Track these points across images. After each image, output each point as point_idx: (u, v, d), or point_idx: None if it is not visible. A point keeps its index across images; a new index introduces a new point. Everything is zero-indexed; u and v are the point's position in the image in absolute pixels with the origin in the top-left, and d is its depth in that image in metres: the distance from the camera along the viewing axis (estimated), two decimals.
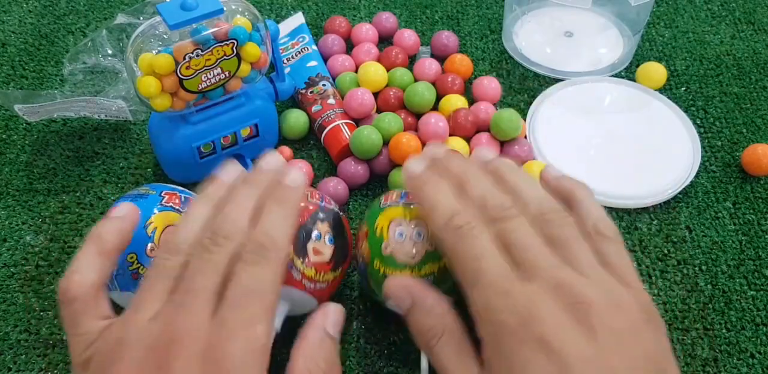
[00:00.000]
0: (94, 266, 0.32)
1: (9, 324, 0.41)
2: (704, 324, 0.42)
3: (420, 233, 0.36)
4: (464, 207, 0.32)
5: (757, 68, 0.57)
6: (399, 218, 0.37)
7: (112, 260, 0.32)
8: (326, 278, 0.36)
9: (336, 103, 0.51)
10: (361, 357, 0.40)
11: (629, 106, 0.53)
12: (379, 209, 0.38)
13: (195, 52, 0.39)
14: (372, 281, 0.37)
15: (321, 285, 0.36)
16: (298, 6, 0.62)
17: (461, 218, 0.31)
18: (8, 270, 0.44)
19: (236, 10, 0.41)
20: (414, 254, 0.35)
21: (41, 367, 0.40)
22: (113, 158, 0.50)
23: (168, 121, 0.45)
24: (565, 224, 0.31)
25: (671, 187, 0.48)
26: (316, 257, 0.36)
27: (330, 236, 0.37)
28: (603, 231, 0.32)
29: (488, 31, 0.60)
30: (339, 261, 0.37)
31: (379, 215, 0.37)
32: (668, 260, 0.45)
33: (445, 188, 0.33)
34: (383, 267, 0.36)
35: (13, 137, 0.51)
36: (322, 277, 0.36)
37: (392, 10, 0.61)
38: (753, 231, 0.46)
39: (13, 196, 0.48)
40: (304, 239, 0.36)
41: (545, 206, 0.32)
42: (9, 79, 0.55)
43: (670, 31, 0.60)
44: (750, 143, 0.51)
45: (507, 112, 0.49)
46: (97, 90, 0.51)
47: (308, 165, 0.48)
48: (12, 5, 0.61)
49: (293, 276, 0.35)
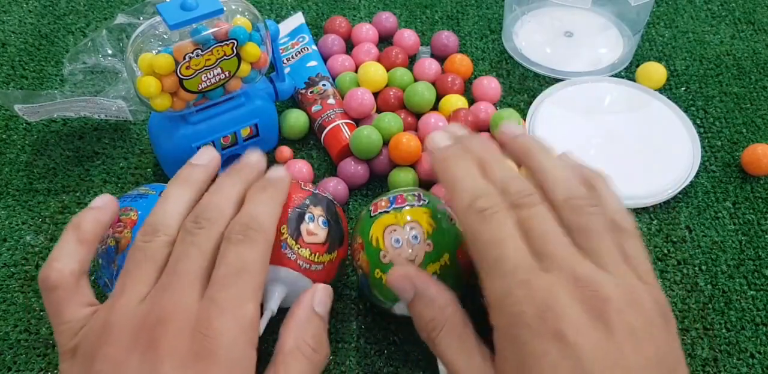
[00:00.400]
0: (74, 254, 0.32)
1: (9, 324, 0.41)
2: (704, 324, 0.42)
3: (416, 236, 0.36)
4: (487, 189, 0.31)
5: (757, 68, 0.57)
6: (392, 225, 0.36)
7: (90, 249, 0.32)
8: (321, 260, 0.36)
9: (336, 103, 0.51)
10: (361, 357, 0.40)
11: (629, 106, 0.53)
12: (370, 219, 0.38)
13: (195, 52, 0.39)
14: (376, 290, 0.37)
15: (317, 267, 0.36)
16: (298, 6, 0.62)
17: (485, 202, 0.30)
18: (8, 270, 0.44)
19: (236, 10, 0.41)
20: (414, 258, 0.35)
21: (41, 367, 0.40)
22: (113, 158, 0.50)
23: (168, 121, 0.45)
24: (593, 213, 0.30)
25: (671, 187, 0.48)
26: (310, 237, 0.36)
27: (324, 219, 0.37)
28: (622, 224, 0.31)
29: (488, 31, 0.60)
30: (334, 244, 0.37)
31: (371, 225, 0.37)
32: (668, 260, 0.45)
33: (469, 166, 0.33)
34: (385, 276, 0.35)
35: (13, 137, 0.51)
36: (318, 258, 0.36)
37: (392, 10, 0.61)
38: (753, 231, 0.46)
39: (13, 196, 0.48)
40: (298, 220, 0.36)
41: (573, 192, 0.31)
42: (9, 79, 0.55)
43: (670, 31, 0.60)
44: (750, 142, 0.51)
45: (507, 112, 0.49)
46: (97, 90, 0.51)
47: (308, 165, 0.48)
48: (12, 5, 0.61)
49: (287, 256, 0.35)
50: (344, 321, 0.41)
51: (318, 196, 0.38)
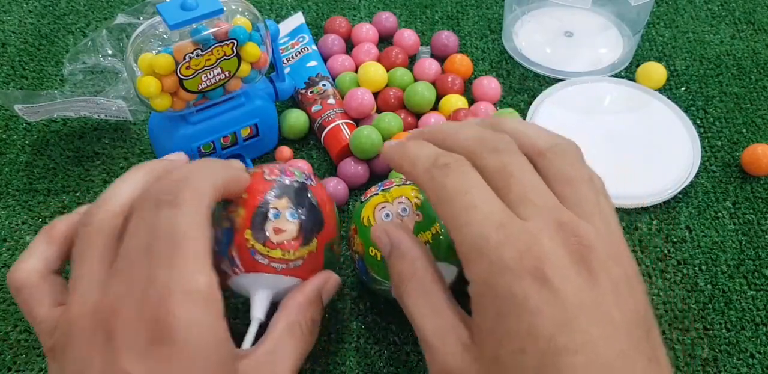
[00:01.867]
0: (40, 254, 0.31)
1: (9, 324, 0.41)
2: (704, 324, 0.42)
3: (405, 209, 0.36)
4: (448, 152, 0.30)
5: (757, 68, 0.57)
6: (381, 203, 0.37)
7: (59, 247, 0.31)
8: (299, 255, 0.34)
9: (336, 103, 0.50)
10: (361, 357, 0.40)
11: (629, 106, 0.53)
12: (361, 205, 0.38)
13: (195, 52, 0.39)
14: (373, 271, 0.37)
15: (296, 263, 0.34)
16: (298, 6, 0.62)
17: (447, 158, 0.29)
18: (8, 270, 0.44)
19: (236, 10, 0.41)
20: None
21: (41, 367, 0.40)
22: (113, 158, 0.50)
23: (168, 121, 0.45)
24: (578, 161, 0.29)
25: (671, 187, 0.48)
26: (278, 236, 0.34)
27: (291, 212, 0.34)
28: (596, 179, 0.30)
29: (488, 31, 0.60)
30: (311, 233, 0.35)
31: (362, 209, 0.38)
32: (668, 260, 0.45)
33: (427, 143, 0.31)
34: (378, 251, 0.35)
35: (13, 137, 0.51)
36: (293, 255, 0.34)
37: (392, 10, 0.61)
38: (753, 231, 0.46)
39: (13, 196, 0.48)
40: (261, 222, 0.34)
41: (558, 141, 0.30)
42: (9, 79, 0.55)
43: (670, 31, 0.60)
44: (750, 142, 0.51)
45: (507, 112, 0.49)
46: (97, 90, 0.51)
47: (308, 165, 0.48)
48: (12, 5, 0.61)
49: (259, 262, 0.33)
50: (344, 321, 0.41)
51: (282, 184, 0.35)
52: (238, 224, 0.33)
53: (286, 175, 0.36)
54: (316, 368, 0.39)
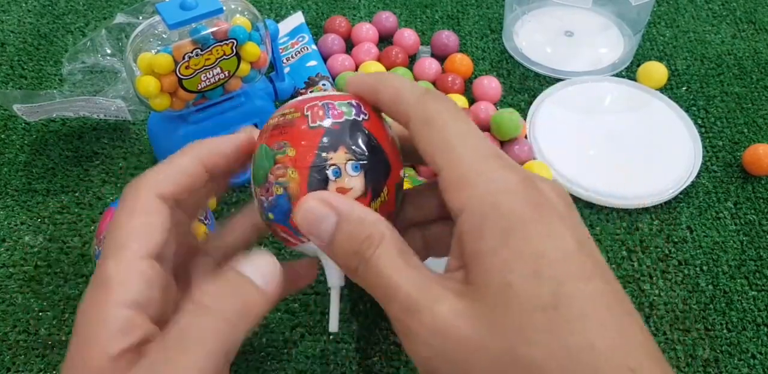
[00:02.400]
0: None
1: (8, 325, 0.41)
2: (705, 325, 0.42)
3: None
4: None
5: (758, 68, 0.57)
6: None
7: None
8: None
9: None
10: (361, 357, 0.40)
11: (630, 105, 0.53)
12: None
13: (194, 51, 0.39)
14: None
15: None
16: (297, 5, 0.61)
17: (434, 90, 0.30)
18: (7, 271, 0.44)
19: (236, 10, 0.41)
20: None
21: (40, 368, 0.39)
22: (112, 158, 0.50)
23: (167, 121, 0.45)
24: None
25: (672, 187, 0.48)
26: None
27: (353, 163, 0.28)
28: None
29: (488, 30, 0.60)
30: (378, 184, 0.29)
31: None
32: (669, 260, 0.45)
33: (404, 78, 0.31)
34: None
35: (12, 137, 0.51)
36: None
37: (392, 10, 0.61)
38: (754, 231, 0.46)
39: (12, 196, 0.48)
40: (321, 184, 0.28)
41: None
42: (8, 79, 0.55)
43: (670, 30, 0.60)
44: (751, 142, 0.51)
45: (507, 112, 0.49)
46: (96, 90, 0.51)
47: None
48: (11, 5, 0.61)
49: None
50: (344, 321, 0.41)
51: (332, 130, 0.28)
52: (293, 189, 0.28)
53: (333, 117, 0.29)
54: (316, 369, 0.39)
